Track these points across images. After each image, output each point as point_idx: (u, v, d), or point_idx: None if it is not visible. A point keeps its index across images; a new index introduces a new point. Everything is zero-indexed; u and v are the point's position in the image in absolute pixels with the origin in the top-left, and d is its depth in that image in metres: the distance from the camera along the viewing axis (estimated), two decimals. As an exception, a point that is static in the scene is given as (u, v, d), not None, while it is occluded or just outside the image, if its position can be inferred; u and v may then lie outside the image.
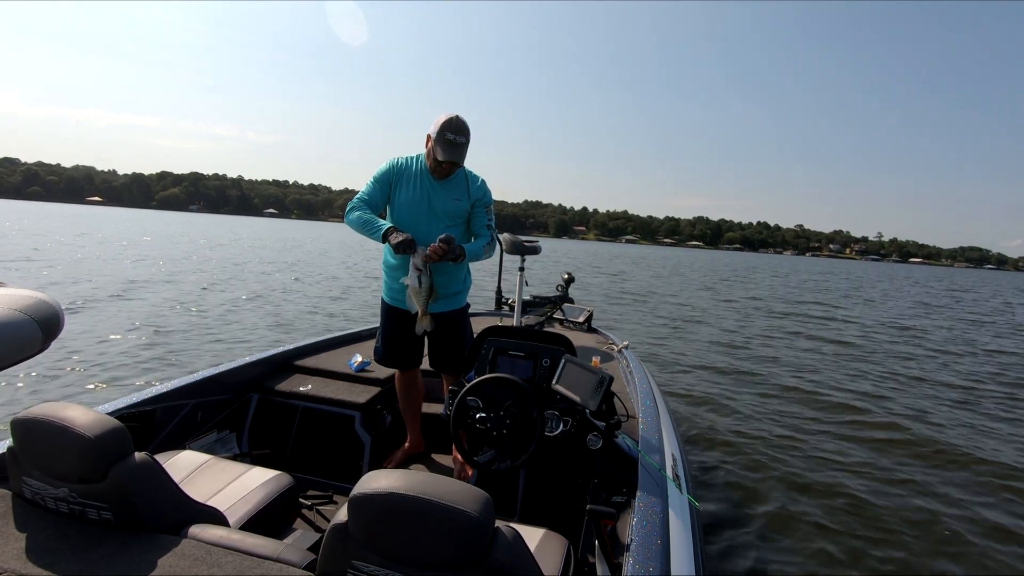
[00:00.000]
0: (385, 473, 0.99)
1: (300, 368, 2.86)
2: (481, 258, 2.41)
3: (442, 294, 2.37)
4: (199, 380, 2.33)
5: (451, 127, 2.21)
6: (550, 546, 1.59)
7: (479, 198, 2.41)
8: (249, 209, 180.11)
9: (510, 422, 1.87)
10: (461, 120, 2.23)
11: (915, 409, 5.79)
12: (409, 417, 2.67)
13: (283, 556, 1.11)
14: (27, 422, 1.13)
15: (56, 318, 1.20)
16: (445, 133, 2.20)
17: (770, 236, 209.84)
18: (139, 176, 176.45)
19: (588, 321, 4.40)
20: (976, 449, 4.65)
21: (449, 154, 2.21)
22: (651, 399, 2.43)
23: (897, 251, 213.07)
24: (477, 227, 2.44)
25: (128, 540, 1.11)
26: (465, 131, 2.24)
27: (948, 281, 48.68)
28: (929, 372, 7.80)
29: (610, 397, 1.94)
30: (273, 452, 2.57)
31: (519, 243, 3.61)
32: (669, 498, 1.62)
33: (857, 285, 29.90)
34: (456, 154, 2.23)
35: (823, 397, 5.98)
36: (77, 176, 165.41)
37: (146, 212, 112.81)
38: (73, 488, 1.13)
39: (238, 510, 1.63)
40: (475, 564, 0.94)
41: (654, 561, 1.29)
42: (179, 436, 2.26)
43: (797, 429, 4.84)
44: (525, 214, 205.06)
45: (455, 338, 2.49)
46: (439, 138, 2.21)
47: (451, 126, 2.21)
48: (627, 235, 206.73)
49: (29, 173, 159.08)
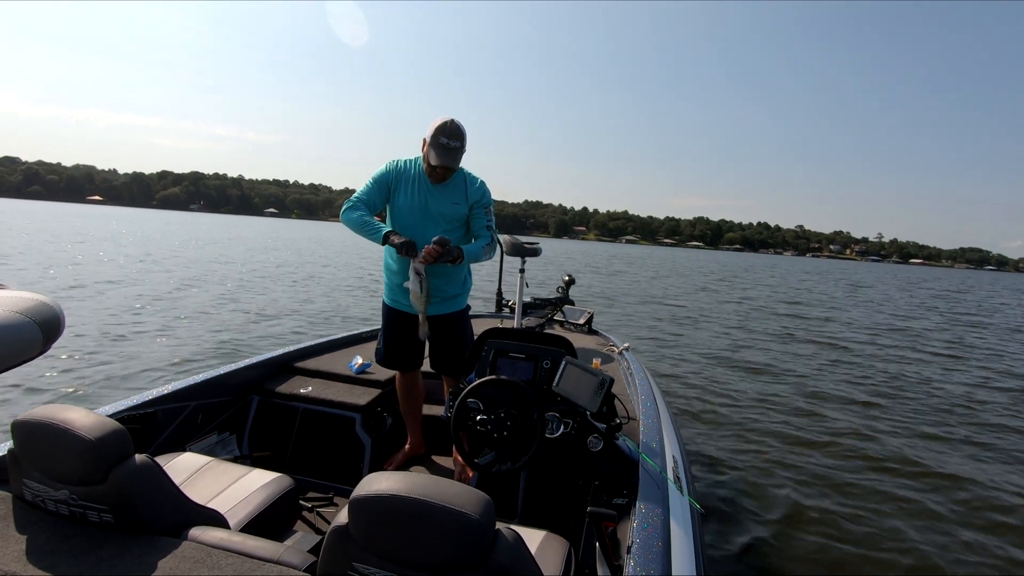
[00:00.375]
0: (385, 475, 0.99)
1: (301, 370, 2.85)
2: (481, 259, 2.39)
3: (441, 297, 2.37)
4: (200, 382, 2.33)
5: (445, 131, 2.19)
6: (551, 548, 1.59)
7: (478, 200, 2.40)
8: (250, 208, 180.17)
9: (511, 424, 1.87)
10: (456, 124, 2.20)
11: (917, 411, 5.78)
12: (410, 419, 2.67)
13: (283, 558, 1.10)
14: (28, 424, 1.13)
15: (56, 320, 1.21)
16: (439, 138, 2.19)
17: (770, 237, 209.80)
18: (139, 175, 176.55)
19: (588, 323, 4.40)
20: (976, 448, 4.65)
21: (443, 159, 2.19)
22: (652, 401, 2.42)
23: (897, 252, 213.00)
24: (476, 229, 2.43)
25: (129, 542, 1.11)
26: (460, 135, 2.21)
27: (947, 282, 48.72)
28: (930, 373, 7.80)
29: (611, 399, 1.94)
30: (274, 454, 2.57)
31: (519, 245, 3.60)
32: (670, 500, 1.61)
33: (856, 285, 29.95)
34: (450, 159, 2.21)
35: (824, 398, 5.99)
36: (77, 175, 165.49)
37: (146, 211, 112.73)
38: (74, 490, 1.13)
39: (238, 512, 1.63)
40: (476, 566, 0.94)
41: (655, 563, 1.29)
42: (179, 438, 2.25)
43: (799, 431, 4.84)
44: (525, 214, 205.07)
45: (456, 340, 2.48)
46: (433, 142, 2.21)
47: (445, 130, 2.19)
48: (627, 235, 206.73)
49: (30, 172, 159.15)
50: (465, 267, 2.50)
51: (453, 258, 2.21)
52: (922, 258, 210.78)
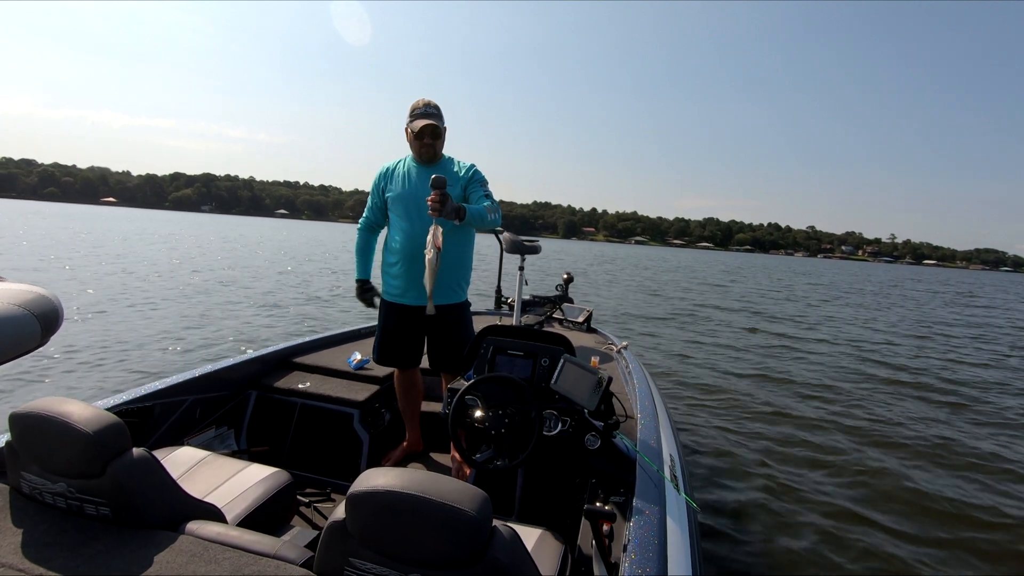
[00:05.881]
0: (383, 471, 0.99)
1: (299, 365, 2.86)
2: (487, 220, 2.35)
3: (443, 280, 2.36)
4: (198, 376, 2.33)
5: (418, 105, 2.36)
6: (547, 546, 1.58)
7: (470, 177, 2.43)
8: (260, 210, 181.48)
9: (508, 421, 1.87)
10: (427, 99, 2.38)
11: (917, 411, 5.72)
12: (408, 415, 2.68)
13: (281, 553, 1.11)
14: (25, 417, 1.14)
15: (55, 313, 1.21)
16: (415, 111, 2.37)
17: (781, 237, 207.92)
18: (152, 177, 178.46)
19: (587, 321, 4.39)
20: (980, 449, 4.59)
21: (424, 118, 2.32)
22: (650, 400, 2.41)
23: (911, 253, 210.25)
24: (476, 202, 2.42)
25: (125, 536, 1.11)
26: (434, 105, 2.38)
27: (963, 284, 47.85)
28: (931, 375, 7.70)
29: (609, 397, 1.93)
30: (271, 449, 2.58)
31: (519, 242, 3.60)
32: (667, 499, 1.60)
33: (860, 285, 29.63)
34: (430, 117, 2.33)
35: (823, 399, 5.93)
36: (92, 177, 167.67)
37: (159, 213, 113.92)
38: (71, 483, 1.14)
39: (236, 507, 1.63)
40: (472, 563, 0.94)
41: (651, 562, 1.28)
42: (177, 432, 2.26)
43: (796, 430, 4.81)
44: (534, 215, 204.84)
45: (455, 336, 2.48)
46: (411, 115, 2.37)
47: (418, 105, 2.36)
48: (636, 236, 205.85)
49: (45, 174, 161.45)
50: (468, 256, 2.53)
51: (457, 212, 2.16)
52: (936, 259, 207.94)
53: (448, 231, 2.22)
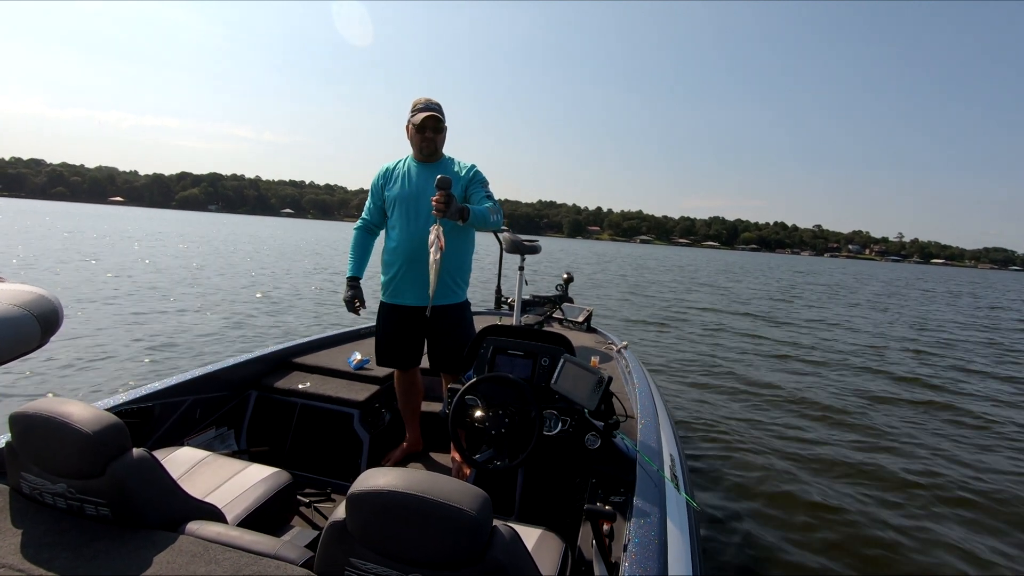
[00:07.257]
0: (383, 471, 0.99)
1: (299, 365, 2.86)
2: (489, 222, 2.33)
3: (443, 280, 2.36)
4: (198, 376, 2.33)
5: (419, 101, 2.38)
6: (547, 545, 1.58)
7: (471, 177, 2.42)
8: (266, 209, 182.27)
9: (508, 421, 1.87)
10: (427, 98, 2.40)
11: (917, 412, 5.69)
12: (408, 416, 2.67)
13: (281, 553, 1.10)
14: (26, 417, 1.14)
15: (55, 314, 1.22)
16: (416, 106, 2.38)
17: (787, 236, 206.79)
18: (159, 176, 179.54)
19: (587, 321, 4.38)
20: (979, 447, 4.56)
21: (426, 111, 2.32)
22: (650, 399, 2.41)
23: (918, 252, 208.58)
24: (477, 202, 2.40)
25: (125, 536, 1.11)
26: (434, 101, 2.39)
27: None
28: (932, 374, 7.64)
29: (609, 397, 1.92)
30: (271, 449, 2.58)
31: (519, 242, 3.59)
32: (667, 498, 1.60)
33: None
34: (432, 109, 2.34)
35: (823, 399, 5.90)
36: (100, 177, 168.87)
37: (165, 212, 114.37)
38: (71, 483, 1.14)
39: (236, 507, 1.63)
40: (472, 562, 0.94)
41: (651, 561, 1.28)
42: (177, 432, 2.26)
43: (796, 430, 4.80)
44: (539, 214, 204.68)
45: (455, 336, 2.47)
46: (413, 111, 2.38)
47: (419, 101, 2.38)
48: (642, 235, 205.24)
49: (54, 174, 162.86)
50: (469, 256, 2.52)
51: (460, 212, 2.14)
52: (944, 258, 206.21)
53: (448, 231, 2.21)
